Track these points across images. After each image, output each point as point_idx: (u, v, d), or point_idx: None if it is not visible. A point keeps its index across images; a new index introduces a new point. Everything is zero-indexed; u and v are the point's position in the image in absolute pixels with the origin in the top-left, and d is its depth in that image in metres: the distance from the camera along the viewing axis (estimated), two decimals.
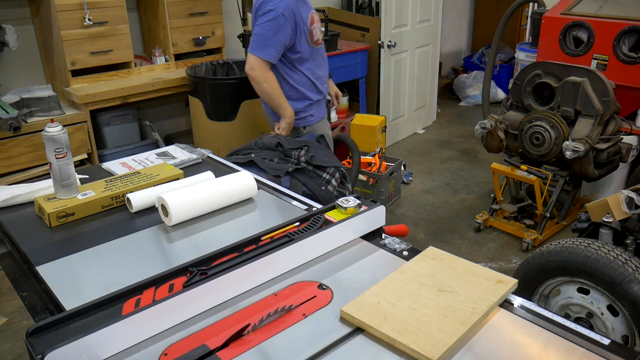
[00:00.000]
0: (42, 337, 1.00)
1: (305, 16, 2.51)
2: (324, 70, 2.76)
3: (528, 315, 1.12)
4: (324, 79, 2.75)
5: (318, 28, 2.61)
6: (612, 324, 2.02)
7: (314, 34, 2.56)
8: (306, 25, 2.51)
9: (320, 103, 2.80)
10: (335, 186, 2.26)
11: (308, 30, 2.54)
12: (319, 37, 2.65)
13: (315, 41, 2.59)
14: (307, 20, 2.52)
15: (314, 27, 2.55)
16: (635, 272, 1.94)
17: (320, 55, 2.69)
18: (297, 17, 2.49)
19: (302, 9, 2.51)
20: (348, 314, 1.09)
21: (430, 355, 0.97)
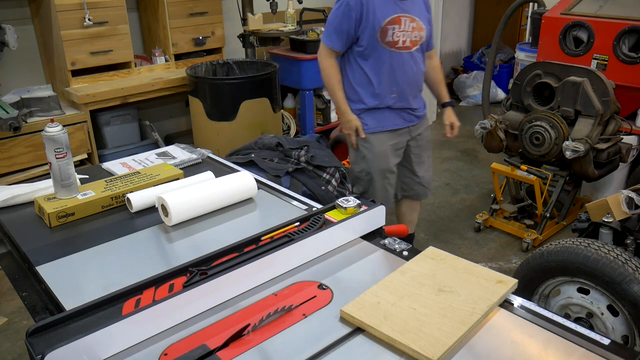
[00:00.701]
0: (42, 337, 1.00)
1: (382, 12, 2.34)
2: (402, 78, 2.46)
3: (528, 315, 1.12)
4: (396, 88, 2.46)
5: (408, 34, 2.38)
6: (612, 324, 2.02)
7: (388, 34, 2.35)
8: (379, 21, 2.34)
9: (380, 113, 2.50)
10: (335, 186, 2.26)
11: (380, 27, 2.35)
12: (401, 41, 2.39)
13: (388, 42, 2.37)
14: (383, 16, 2.34)
15: (394, 27, 2.35)
16: (635, 272, 1.93)
17: (400, 62, 2.43)
18: (366, 9, 2.35)
19: (383, 5, 2.34)
20: (348, 314, 1.09)
21: (430, 355, 0.97)
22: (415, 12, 2.39)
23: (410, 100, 2.51)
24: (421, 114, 2.64)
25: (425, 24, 2.43)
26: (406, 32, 2.39)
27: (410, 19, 2.37)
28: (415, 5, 2.42)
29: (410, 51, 2.43)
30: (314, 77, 4.28)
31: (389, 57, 2.41)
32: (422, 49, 2.50)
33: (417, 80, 2.54)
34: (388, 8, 2.35)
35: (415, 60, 2.47)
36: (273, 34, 3.90)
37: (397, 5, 2.37)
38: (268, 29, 3.92)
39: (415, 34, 2.40)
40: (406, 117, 2.56)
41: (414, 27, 2.39)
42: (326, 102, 4.53)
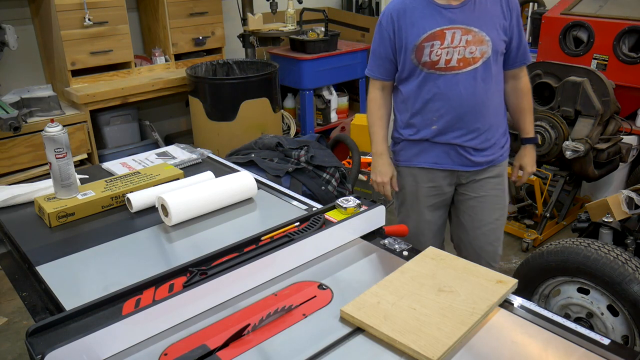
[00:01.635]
0: (42, 337, 1.00)
1: (419, 27, 1.85)
2: (449, 106, 1.89)
3: (528, 315, 1.12)
4: (438, 118, 1.92)
5: (457, 50, 1.83)
6: (612, 324, 2.02)
7: (424, 53, 1.84)
8: (413, 39, 1.85)
9: (416, 146, 2.00)
10: (335, 186, 2.26)
11: (415, 46, 1.85)
12: (444, 60, 1.84)
13: (425, 63, 1.85)
14: (419, 32, 1.84)
15: (432, 45, 1.83)
16: (635, 272, 1.94)
17: (448, 86, 1.87)
18: (398, 26, 1.88)
19: (422, 18, 1.85)
20: (348, 314, 1.09)
21: (430, 355, 0.97)
22: (475, 20, 1.82)
23: (464, 136, 1.91)
24: (484, 159, 1.96)
25: (493, 34, 1.84)
26: (453, 48, 1.83)
27: (464, 31, 1.82)
28: (476, 11, 1.83)
29: (464, 71, 1.84)
30: (314, 77, 4.28)
31: (429, 80, 1.88)
32: (492, 66, 1.87)
33: (479, 109, 1.89)
34: (428, 20, 1.84)
35: (478, 82, 1.86)
36: (273, 34, 3.91)
37: (442, 15, 1.83)
38: (268, 29, 3.92)
39: (471, 50, 1.82)
40: (455, 157, 1.96)
41: (469, 40, 1.82)
42: (326, 102, 4.53)
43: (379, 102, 2.03)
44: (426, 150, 1.99)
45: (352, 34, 4.86)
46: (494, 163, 2.00)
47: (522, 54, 1.98)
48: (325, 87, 4.52)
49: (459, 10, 1.83)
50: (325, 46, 4.30)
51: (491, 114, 1.93)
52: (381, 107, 2.04)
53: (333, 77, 4.45)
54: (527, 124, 2.09)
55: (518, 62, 1.98)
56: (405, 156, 2.04)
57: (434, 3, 1.85)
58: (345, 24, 4.90)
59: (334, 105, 4.65)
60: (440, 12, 1.84)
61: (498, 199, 2.04)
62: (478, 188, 2.02)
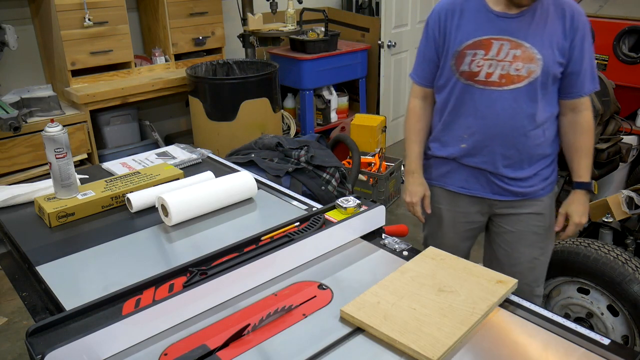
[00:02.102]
0: (42, 337, 1.00)
1: (466, 31, 1.65)
2: (483, 126, 1.69)
3: (528, 315, 1.12)
4: (469, 136, 1.72)
5: (502, 65, 1.62)
6: (612, 324, 2.02)
7: (464, 61, 1.65)
8: (456, 44, 1.66)
9: (445, 165, 1.81)
10: (335, 186, 2.26)
11: (457, 51, 1.66)
12: (484, 73, 1.64)
13: (463, 72, 1.66)
14: (464, 37, 1.65)
15: (475, 53, 1.63)
16: (635, 272, 1.94)
17: (485, 103, 1.66)
18: (444, 26, 1.69)
19: (471, 21, 1.66)
20: (348, 314, 1.09)
21: (431, 355, 0.97)
22: (528, 34, 1.60)
23: (497, 161, 1.71)
24: (521, 190, 1.74)
25: (547, 53, 1.60)
26: (497, 62, 1.62)
27: (513, 44, 1.61)
28: (533, 25, 1.60)
29: (505, 89, 1.63)
30: (314, 77, 4.29)
31: (465, 92, 1.69)
32: (539, 89, 1.64)
33: (517, 135, 1.67)
34: (476, 26, 1.65)
35: (519, 104, 1.64)
36: (273, 34, 3.91)
37: (493, 22, 1.63)
38: (268, 29, 3.92)
39: (517, 66, 1.61)
40: (485, 183, 1.76)
41: (518, 55, 1.60)
42: (326, 102, 4.53)
43: (418, 113, 1.82)
44: (454, 172, 1.80)
45: (352, 34, 4.87)
46: (534, 196, 1.76)
47: (581, 83, 1.68)
48: (325, 87, 4.52)
49: (515, 21, 1.61)
50: (325, 46, 4.30)
51: (533, 143, 1.69)
52: (420, 119, 1.82)
53: (333, 77, 4.45)
54: (582, 166, 1.79)
55: (576, 92, 1.69)
56: (433, 174, 1.87)
57: (488, 8, 1.64)
58: (345, 24, 4.90)
59: (334, 105, 4.65)
60: (492, 19, 1.63)
61: (538, 237, 1.79)
62: (516, 222, 1.78)
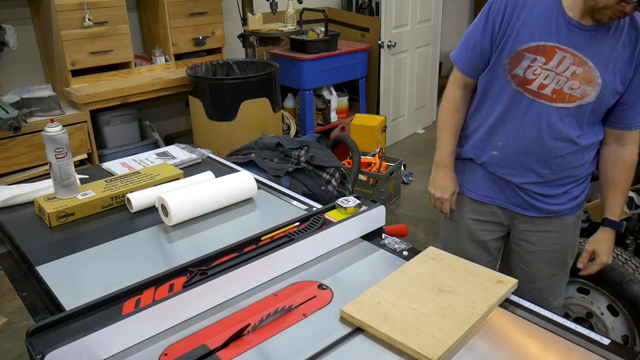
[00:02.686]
0: (42, 337, 1.00)
1: (530, 30, 1.48)
2: (517, 137, 1.58)
3: (528, 315, 1.12)
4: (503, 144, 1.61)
5: (558, 79, 1.48)
6: (612, 324, 2.03)
7: (521, 64, 1.50)
8: (516, 42, 1.50)
9: (471, 170, 1.72)
10: (335, 186, 2.26)
11: (515, 50, 1.50)
12: (538, 83, 1.50)
13: (516, 76, 1.52)
14: (526, 37, 1.48)
15: (535, 59, 1.48)
16: (635, 272, 1.94)
17: (527, 112, 1.54)
18: (510, 18, 1.50)
19: (537, 21, 1.48)
20: (348, 314, 1.09)
21: (430, 355, 0.97)
22: (596, 54, 1.45)
23: (527, 176, 1.61)
24: (546, 207, 1.65)
25: (608, 79, 1.46)
26: (555, 74, 1.48)
27: (577, 60, 1.45)
28: (604, 45, 1.45)
29: (553, 105, 1.50)
30: (314, 77, 4.29)
31: (514, 99, 1.55)
32: (588, 115, 1.51)
33: (552, 155, 1.56)
34: (543, 27, 1.47)
35: (563, 125, 1.52)
36: (273, 34, 3.91)
37: (563, 29, 1.46)
38: (268, 29, 3.92)
39: (572, 85, 1.47)
40: (511, 195, 1.67)
41: (577, 73, 1.46)
42: (326, 102, 4.53)
43: (458, 104, 1.67)
44: (479, 179, 1.70)
45: (352, 34, 4.87)
46: (559, 214, 1.66)
47: (635, 116, 1.53)
48: (325, 87, 4.52)
49: (587, 34, 1.44)
50: (325, 46, 4.30)
51: (570, 165, 1.58)
52: (459, 110, 1.67)
53: (333, 77, 4.46)
54: (617, 204, 1.63)
55: (626, 124, 1.55)
56: (464, 182, 1.76)
57: (562, 11, 1.46)
58: (345, 24, 4.90)
59: (334, 105, 4.65)
60: (563, 25, 1.46)
61: (557, 254, 1.72)
62: (535, 241, 1.70)
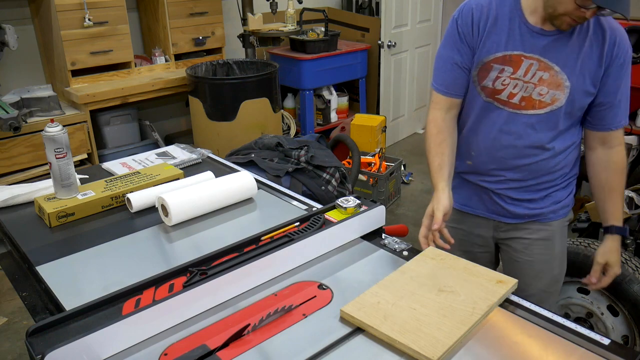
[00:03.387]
0: (42, 337, 1.00)
1: (495, 42, 1.46)
2: (487, 146, 1.56)
3: (528, 315, 1.12)
4: (475, 154, 1.60)
5: (527, 87, 1.46)
6: (612, 324, 2.03)
7: (488, 76, 1.48)
8: (483, 54, 1.48)
9: (454, 179, 1.62)
10: (335, 186, 2.26)
11: (482, 62, 1.49)
12: (507, 93, 1.48)
13: (485, 88, 1.50)
14: (492, 48, 1.47)
15: (502, 69, 1.47)
16: (635, 272, 1.94)
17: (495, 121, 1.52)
18: (478, 29, 1.48)
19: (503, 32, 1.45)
20: (348, 314, 1.09)
21: (430, 355, 0.97)
22: (561, 58, 1.43)
23: (498, 181, 1.59)
24: (524, 212, 1.60)
25: (577, 81, 1.44)
26: (523, 82, 1.46)
27: (542, 65, 1.44)
28: (568, 47, 1.43)
29: (523, 112, 1.48)
30: (314, 77, 4.29)
31: (485, 110, 1.53)
32: (561, 119, 1.48)
33: (529, 162, 1.54)
34: (508, 37, 1.45)
35: (537, 131, 1.50)
36: (273, 34, 3.91)
37: (526, 37, 1.44)
38: (268, 29, 3.92)
39: (541, 91, 1.45)
40: (489, 202, 1.63)
41: (544, 79, 1.44)
42: (326, 102, 4.53)
43: (439, 124, 1.57)
44: (458, 187, 1.66)
45: (352, 34, 4.87)
46: (540, 219, 1.61)
47: (614, 116, 1.51)
48: (325, 87, 4.52)
49: (549, 39, 1.42)
50: (325, 46, 4.30)
51: (547, 170, 1.56)
52: (442, 130, 1.57)
53: (333, 77, 4.45)
54: (617, 208, 1.58)
55: (607, 125, 1.52)
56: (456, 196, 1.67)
57: (523, 19, 1.44)
58: (345, 24, 4.90)
59: (334, 105, 4.65)
60: (526, 33, 1.44)
61: (545, 266, 1.65)
62: (521, 249, 1.65)
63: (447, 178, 1.54)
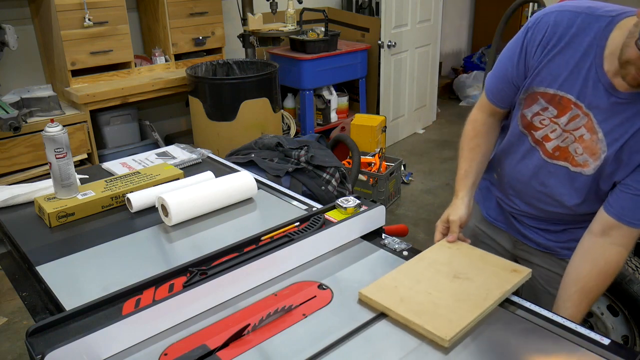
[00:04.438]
0: (42, 337, 1.00)
1: (554, 73, 1.26)
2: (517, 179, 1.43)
3: (528, 315, 1.12)
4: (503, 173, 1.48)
5: (562, 135, 1.29)
6: (612, 324, 2.03)
7: (532, 108, 1.32)
8: (534, 80, 1.29)
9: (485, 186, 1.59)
10: (335, 186, 2.26)
11: (532, 89, 1.31)
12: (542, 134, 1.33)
13: (523, 118, 1.35)
14: (547, 79, 1.27)
15: (547, 108, 1.29)
16: (635, 272, 1.94)
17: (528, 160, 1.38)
18: (545, 47, 1.25)
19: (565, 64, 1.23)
20: (366, 296, 1.13)
21: (444, 335, 1.01)
22: (611, 125, 1.21)
23: (516, 206, 1.49)
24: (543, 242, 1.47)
25: (614, 156, 1.22)
26: (562, 131, 1.29)
27: (589, 125, 1.24)
28: (625, 118, 1.19)
29: (554, 163, 1.33)
30: (314, 77, 4.29)
31: (517, 139, 1.40)
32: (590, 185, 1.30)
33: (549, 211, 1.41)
34: (567, 76, 1.24)
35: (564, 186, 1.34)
36: (273, 34, 3.91)
37: (589, 85, 1.21)
38: (268, 29, 3.92)
39: (577, 149, 1.28)
40: (509, 219, 1.54)
41: (585, 139, 1.26)
42: (326, 102, 4.53)
43: (477, 127, 1.47)
44: (484, 191, 1.59)
45: (352, 34, 4.87)
46: (558, 254, 1.47)
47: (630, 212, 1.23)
48: (325, 87, 4.52)
49: (613, 99, 1.19)
50: (325, 46, 4.30)
51: (566, 220, 1.40)
52: (479, 134, 1.47)
53: (333, 77, 4.46)
54: (580, 312, 1.29)
55: (626, 216, 1.24)
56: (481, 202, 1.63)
57: (599, 63, 1.20)
58: (345, 24, 4.90)
59: (334, 105, 4.65)
60: (591, 79, 1.21)
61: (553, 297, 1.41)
62: (540, 279, 1.52)
63: (471, 187, 1.46)
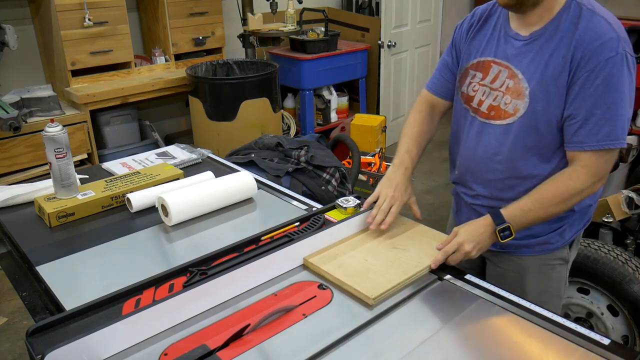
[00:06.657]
0: (42, 337, 1.00)
1: (477, 46, 1.42)
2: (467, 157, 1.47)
3: (528, 315, 1.12)
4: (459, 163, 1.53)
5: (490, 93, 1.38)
6: (612, 324, 2.03)
7: (465, 82, 1.45)
8: (464, 59, 1.46)
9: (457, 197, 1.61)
10: (335, 186, 2.26)
11: (464, 68, 1.46)
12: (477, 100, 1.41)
13: (462, 94, 1.47)
14: (473, 53, 1.43)
15: (474, 75, 1.42)
16: (635, 272, 1.94)
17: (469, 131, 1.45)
18: (462, 37, 1.48)
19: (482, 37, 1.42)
20: (309, 261, 1.26)
21: (369, 294, 1.13)
22: (527, 63, 1.31)
23: (473, 194, 1.49)
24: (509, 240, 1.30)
25: (539, 90, 1.28)
26: (490, 90, 1.38)
27: (510, 73, 1.34)
28: (540, 52, 1.29)
29: (492, 123, 1.38)
30: (314, 77, 4.29)
31: (462, 116, 1.49)
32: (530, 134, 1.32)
33: (500, 179, 1.40)
34: (485, 44, 1.40)
35: (507, 145, 1.36)
36: (273, 34, 3.91)
37: (500, 43, 1.37)
38: (268, 29, 3.92)
39: (506, 100, 1.34)
40: (468, 216, 1.53)
41: (510, 87, 1.33)
42: (326, 102, 4.53)
43: (419, 117, 1.56)
44: (458, 202, 1.61)
45: (352, 34, 4.86)
46: (515, 252, 1.44)
47: (588, 133, 1.24)
48: (325, 87, 4.52)
49: (521, 44, 1.32)
50: (325, 46, 4.30)
51: (515, 196, 1.34)
52: (422, 123, 1.55)
53: (333, 77, 4.45)
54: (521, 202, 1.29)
55: (579, 142, 1.26)
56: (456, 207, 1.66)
57: (506, 24, 1.37)
58: (345, 24, 4.90)
59: (334, 105, 4.65)
60: (501, 39, 1.36)
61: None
62: (495, 276, 1.51)
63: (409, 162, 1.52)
